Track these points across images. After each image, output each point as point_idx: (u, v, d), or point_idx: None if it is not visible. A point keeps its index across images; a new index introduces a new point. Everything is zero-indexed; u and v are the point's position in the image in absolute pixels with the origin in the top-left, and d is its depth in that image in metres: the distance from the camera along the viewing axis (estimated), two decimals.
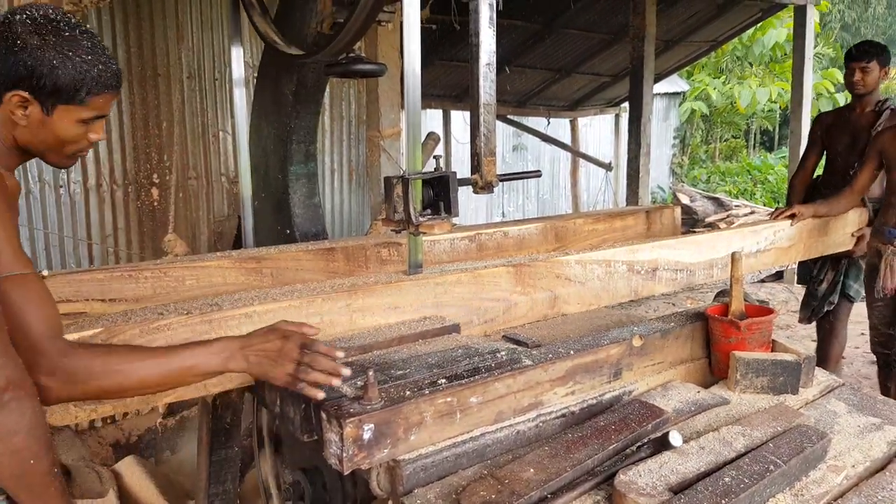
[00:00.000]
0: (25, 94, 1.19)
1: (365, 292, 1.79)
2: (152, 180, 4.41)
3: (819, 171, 3.93)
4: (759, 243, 2.89)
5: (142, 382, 1.22)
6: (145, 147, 4.36)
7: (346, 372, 1.29)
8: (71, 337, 1.32)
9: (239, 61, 2.86)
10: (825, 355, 3.79)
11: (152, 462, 3.61)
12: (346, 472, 1.29)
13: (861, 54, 3.47)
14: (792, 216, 3.07)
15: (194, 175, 4.59)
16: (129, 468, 3.22)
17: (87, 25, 4.02)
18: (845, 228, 3.42)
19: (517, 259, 2.32)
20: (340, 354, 1.30)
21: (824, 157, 3.82)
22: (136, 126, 4.31)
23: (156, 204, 4.42)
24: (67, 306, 1.82)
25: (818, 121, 3.86)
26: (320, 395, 1.26)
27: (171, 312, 1.58)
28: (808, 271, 3.81)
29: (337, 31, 2.38)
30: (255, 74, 3.71)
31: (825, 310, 3.70)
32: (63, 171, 4.04)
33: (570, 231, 3.23)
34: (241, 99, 2.85)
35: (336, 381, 1.28)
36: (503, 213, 11.11)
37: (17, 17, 1.19)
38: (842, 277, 3.65)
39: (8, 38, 1.18)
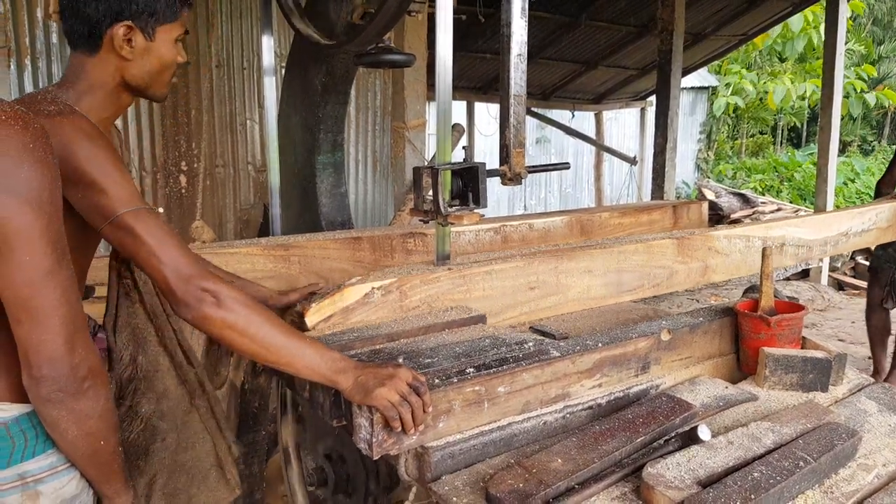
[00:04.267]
0: (129, 23, 1.22)
1: (567, 257, 2.11)
2: (180, 167, 4.46)
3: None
4: (864, 223, 3.27)
5: (265, 347, 1.25)
6: (174, 135, 4.42)
7: (421, 429, 1.32)
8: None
9: (269, 50, 2.88)
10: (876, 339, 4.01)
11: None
12: (375, 457, 1.31)
13: None
14: None
15: (221, 163, 4.64)
16: None
17: None
18: None
19: (678, 233, 2.62)
20: (430, 410, 1.31)
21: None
22: (165, 114, 4.37)
23: (183, 191, 4.48)
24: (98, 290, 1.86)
25: None
26: (399, 428, 1.28)
27: (438, 268, 1.92)
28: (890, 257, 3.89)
29: (368, 21, 2.39)
30: (283, 64, 3.74)
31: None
32: None
33: (595, 224, 3.22)
34: (271, 88, 2.87)
35: (412, 432, 1.30)
36: (525, 206, 11.08)
37: None
38: None
39: None
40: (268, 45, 2.88)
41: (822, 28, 10.74)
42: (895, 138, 17.59)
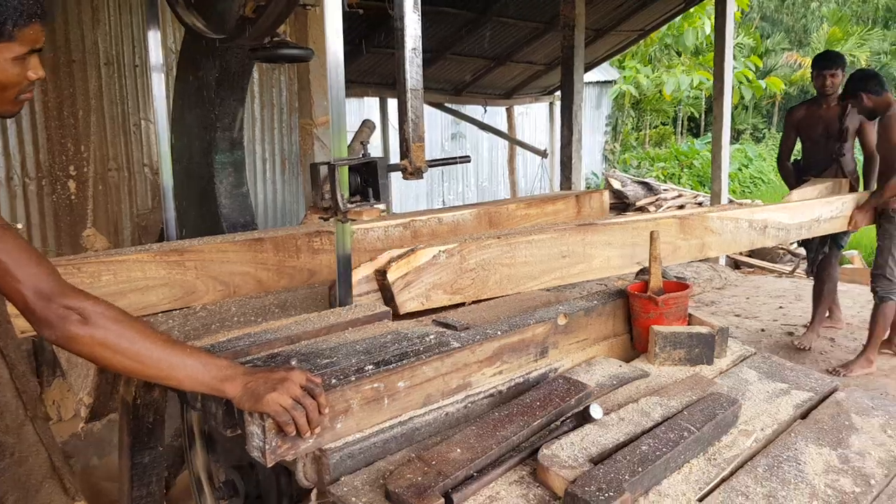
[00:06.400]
0: None
1: (592, 231, 2.41)
2: (69, 172, 4.19)
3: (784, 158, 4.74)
4: (832, 211, 3.79)
5: (141, 362, 1.19)
6: (60, 138, 4.14)
7: (317, 431, 1.28)
8: None
9: (157, 46, 2.75)
10: (818, 294, 4.60)
11: (79, 469, 3.47)
12: (269, 465, 1.27)
13: (830, 64, 4.40)
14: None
15: (115, 166, 4.40)
16: None
17: None
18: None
19: (680, 213, 2.97)
20: (326, 411, 1.28)
21: (799, 144, 4.64)
22: (49, 115, 4.09)
23: (73, 198, 4.21)
24: None
25: (790, 115, 4.74)
26: (293, 432, 1.24)
27: (491, 237, 2.23)
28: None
29: (259, 14, 2.32)
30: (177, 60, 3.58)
31: (820, 258, 4.49)
32: None
33: (503, 216, 3.26)
34: (160, 86, 2.74)
35: (308, 436, 1.26)
36: (443, 201, 11.13)
37: None
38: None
39: None
40: (155, 40, 2.75)
41: (704, 24, 11.38)
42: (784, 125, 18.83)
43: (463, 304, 2.12)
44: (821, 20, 19.51)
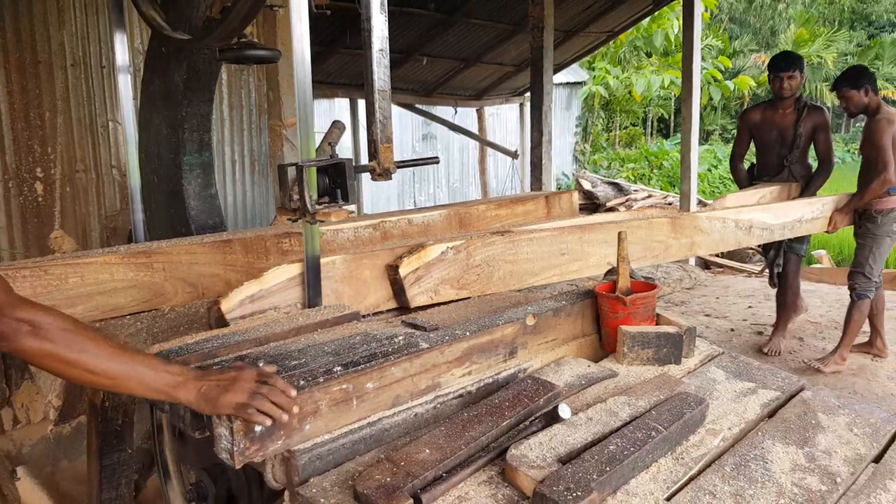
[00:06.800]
0: None
1: (589, 230, 2.50)
2: (35, 174, 4.11)
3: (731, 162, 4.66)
4: (814, 212, 3.91)
5: (93, 371, 1.19)
6: (27, 139, 4.06)
7: (296, 410, 1.27)
8: None
9: (123, 47, 2.72)
10: (782, 303, 4.56)
11: (48, 472, 3.40)
12: (238, 466, 1.27)
13: (787, 65, 4.16)
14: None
15: (82, 168, 4.32)
16: (22, 480, 3.04)
17: None
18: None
19: (672, 213, 3.14)
20: (293, 393, 1.27)
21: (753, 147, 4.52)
22: (15, 117, 4.01)
23: (40, 199, 4.13)
24: None
25: (745, 117, 4.58)
26: (267, 421, 1.24)
27: (495, 234, 2.37)
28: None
29: (226, 15, 2.30)
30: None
31: (776, 271, 4.48)
32: None
33: (473, 217, 3.27)
34: (127, 87, 2.71)
35: (285, 417, 1.25)
36: (415, 202, 11.13)
37: None
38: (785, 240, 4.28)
39: None
40: (121, 42, 2.72)
41: (673, 24, 11.54)
42: None
43: (440, 304, 2.15)
44: (788, 22, 19.95)
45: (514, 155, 9.56)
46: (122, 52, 2.71)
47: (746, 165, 4.59)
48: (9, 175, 4.01)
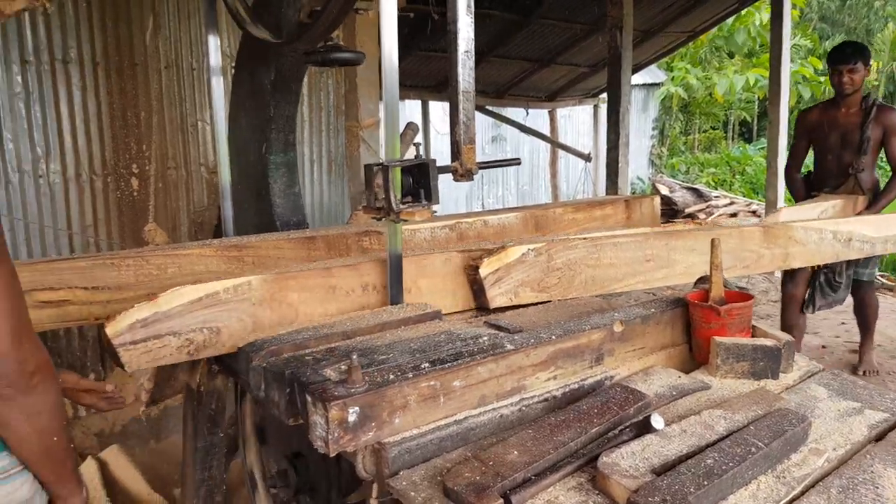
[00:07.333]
0: None
1: (676, 237, 2.41)
2: (131, 170, 4.36)
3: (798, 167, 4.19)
4: None
5: (43, 443, 1.17)
6: (124, 137, 4.31)
7: None
8: None
9: (216, 50, 2.83)
10: (863, 323, 4.18)
11: (141, 450, 3.60)
12: (331, 455, 1.29)
13: (847, 57, 3.65)
14: None
15: (173, 165, 4.54)
16: (115, 457, 3.22)
17: (64, 17, 3.97)
18: None
19: (764, 222, 2.94)
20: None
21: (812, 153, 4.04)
22: (114, 116, 4.26)
23: (135, 194, 4.37)
24: (51, 294, 1.82)
25: (802, 118, 4.04)
26: None
27: (577, 237, 2.25)
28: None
29: (314, 19, 2.35)
30: (233, 64, 3.67)
31: (841, 296, 4.01)
32: (42, 160, 4.00)
33: (549, 220, 3.23)
34: (219, 88, 2.81)
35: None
36: (483, 204, 11.13)
37: None
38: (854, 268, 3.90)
39: None
40: (214, 45, 2.83)
41: (756, 20, 11.05)
42: None
43: (525, 306, 2.13)
44: (885, 20, 18.77)
45: (587, 158, 9.42)
46: (215, 54, 2.82)
47: (803, 173, 4.15)
48: (107, 171, 4.26)
